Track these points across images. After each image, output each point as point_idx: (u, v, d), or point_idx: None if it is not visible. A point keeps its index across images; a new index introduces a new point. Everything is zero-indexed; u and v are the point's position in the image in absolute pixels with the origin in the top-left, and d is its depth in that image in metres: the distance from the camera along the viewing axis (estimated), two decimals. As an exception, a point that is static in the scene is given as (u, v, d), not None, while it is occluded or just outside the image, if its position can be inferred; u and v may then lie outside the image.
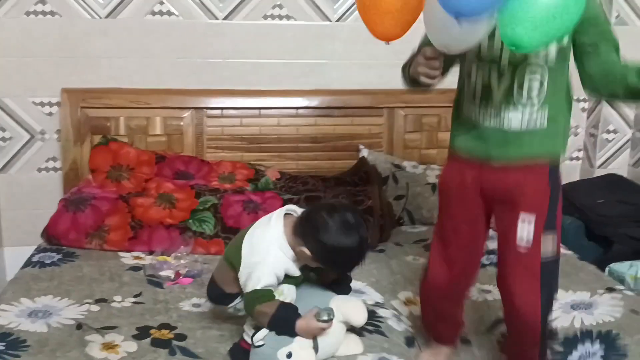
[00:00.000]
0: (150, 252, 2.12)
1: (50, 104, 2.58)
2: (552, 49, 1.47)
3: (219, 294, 1.60)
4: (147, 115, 2.58)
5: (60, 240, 2.14)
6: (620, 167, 2.85)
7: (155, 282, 1.90)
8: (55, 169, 2.64)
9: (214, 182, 2.45)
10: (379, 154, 2.69)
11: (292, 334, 1.43)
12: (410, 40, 1.65)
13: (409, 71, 1.62)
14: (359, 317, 1.52)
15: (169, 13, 2.58)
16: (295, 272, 1.51)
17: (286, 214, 1.54)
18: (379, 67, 2.74)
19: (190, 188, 2.33)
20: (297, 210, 1.56)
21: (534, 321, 1.52)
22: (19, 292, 1.81)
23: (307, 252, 1.45)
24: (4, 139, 2.59)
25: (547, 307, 1.55)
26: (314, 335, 1.45)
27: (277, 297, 1.45)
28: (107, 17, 2.54)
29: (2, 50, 2.50)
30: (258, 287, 1.44)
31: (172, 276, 1.90)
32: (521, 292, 1.51)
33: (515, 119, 1.49)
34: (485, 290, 2.01)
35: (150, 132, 2.59)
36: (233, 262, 1.53)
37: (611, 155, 2.86)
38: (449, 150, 1.66)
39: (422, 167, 2.67)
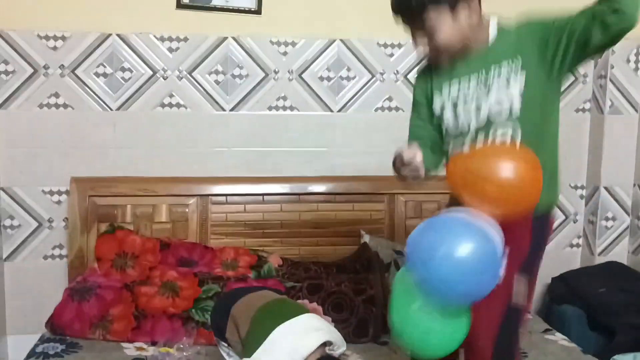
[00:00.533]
0: (153, 343, 2.15)
1: (59, 193, 2.69)
2: (516, 101, 1.50)
3: (220, 327, 1.61)
4: (153, 203, 2.68)
5: (64, 330, 2.18)
6: (621, 254, 2.91)
7: (158, 376, 1.93)
8: (61, 257, 2.71)
9: (217, 268, 2.50)
10: (381, 239, 2.76)
11: None
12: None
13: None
14: None
15: (178, 105, 2.74)
16: None
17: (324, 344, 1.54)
18: (379, 154, 2.86)
19: (193, 276, 2.39)
20: (336, 348, 1.56)
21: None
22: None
23: None
24: (12, 227, 2.67)
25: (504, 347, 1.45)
26: None
27: None
28: (118, 109, 2.69)
29: (13, 142, 2.64)
30: None
31: (175, 369, 1.93)
32: (478, 329, 1.41)
33: None
34: None
35: (156, 219, 2.68)
36: (250, 341, 1.54)
37: (611, 243, 2.92)
38: None
39: (423, 253, 2.73)
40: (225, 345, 1.64)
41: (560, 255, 3.00)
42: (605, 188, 2.89)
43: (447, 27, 1.50)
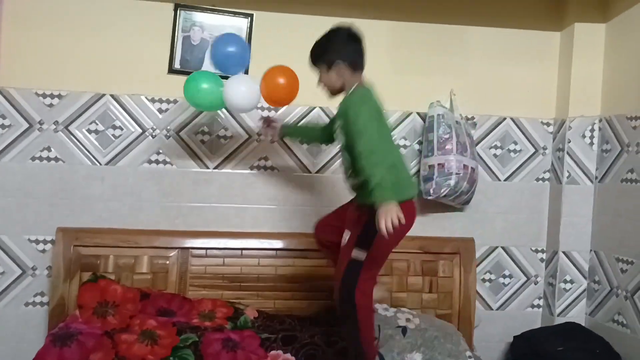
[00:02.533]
0: (132, 390, 2.30)
1: (45, 242, 2.88)
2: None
3: None
4: (135, 254, 2.88)
5: (45, 376, 2.32)
6: (578, 315, 3.16)
7: (137, 418, 2.08)
8: (42, 304, 2.88)
9: (194, 319, 2.69)
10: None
11: None
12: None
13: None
14: None
15: (164, 162, 2.99)
16: None
17: None
18: (354, 214, 3.13)
19: (172, 325, 2.57)
20: None
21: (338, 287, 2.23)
22: None
23: None
24: (-4, 274, 2.85)
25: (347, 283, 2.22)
26: None
27: None
28: (107, 164, 2.93)
29: (4, 191, 2.86)
30: None
31: (153, 413, 2.08)
32: (336, 272, 2.27)
33: (351, 182, 2.37)
34: None
35: (137, 270, 2.88)
36: None
37: (569, 304, 3.18)
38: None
39: (392, 309, 2.95)
40: None
41: (522, 315, 3.26)
42: (564, 252, 3.18)
43: (324, 76, 2.40)
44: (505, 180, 3.27)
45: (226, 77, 2.61)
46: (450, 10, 3.19)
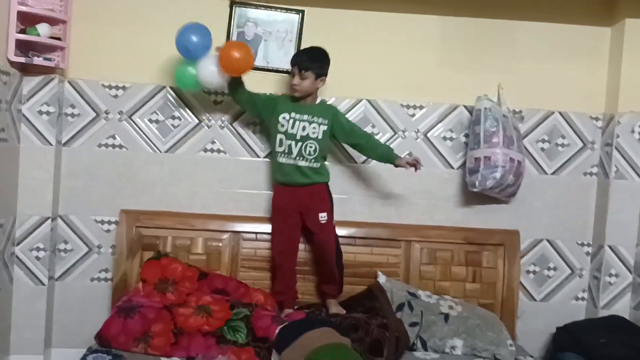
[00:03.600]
0: (189, 358, 2.53)
1: (109, 222, 3.15)
2: (320, 135, 2.93)
3: (280, 348, 2.22)
4: (191, 236, 3.12)
5: (111, 342, 2.58)
6: (623, 309, 3.22)
7: (194, 383, 2.29)
8: (105, 279, 3.15)
9: (246, 299, 2.89)
10: (396, 281, 3.13)
11: None
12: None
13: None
14: None
15: (219, 150, 3.20)
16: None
17: None
18: (398, 204, 3.27)
19: (225, 301, 2.79)
20: None
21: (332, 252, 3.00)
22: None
23: None
24: (65, 250, 3.13)
25: (338, 245, 3.06)
26: None
27: None
28: (166, 152, 3.17)
29: (73, 175, 3.13)
30: None
31: (209, 380, 2.29)
32: (328, 241, 2.99)
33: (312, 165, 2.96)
34: None
35: (192, 250, 3.11)
36: None
37: (614, 297, 3.24)
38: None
39: (435, 297, 3.08)
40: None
41: (566, 308, 3.34)
42: (610, 247, 3.23)
43: (309, 82, 2.92)
44: (552, 174, 3.34)
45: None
46: (498, 5, 3.28)
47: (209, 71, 2.88)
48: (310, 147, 2.92)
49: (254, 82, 3.09)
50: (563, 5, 3.29)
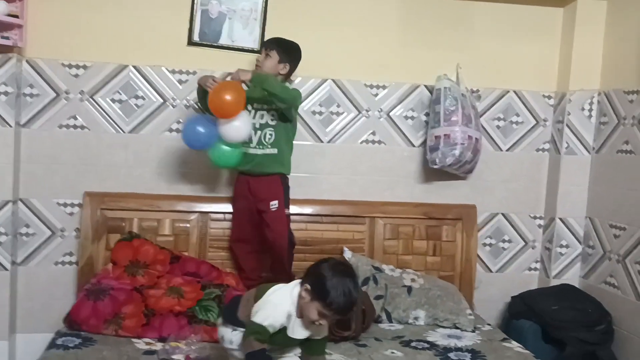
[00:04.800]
0: (161, 339, 2.51)
1: (72, 205, 3.06)
2: (277, 118, 2.91)
3: (232, 315, 2.11)
4: (158, 218, 3.07)
5: (80, 325, 2.53)
6: (573, 278, 3.37)
7: (169, 364, 2.29)
8: (70, 263, 3.07)
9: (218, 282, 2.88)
10: (361, 257, 3.18)
11: None
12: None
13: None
14: None
15: (184, 130, 3.14)
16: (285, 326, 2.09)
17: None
18: (362, 181, 3.31)
19: (197, 282, 2.78)
20: None
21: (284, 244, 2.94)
22: (50, 371, 2.18)
23: (307, 295, 2.01)
24: (27, 234, 3.03)
25: (290, 233, 2.98)
26: None
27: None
28: (130, 132, 3.09)
29: (33, 158, 3.02)
30: (263, 324, 1.99)
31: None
32: (280, 230, 2.93)
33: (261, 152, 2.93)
34: None
35: (160, 232, 3.06)
36: (258, 295, 2.08)
37: (564, 267, 3.39)
38: None
39: (399, 270, 3.15)
40: (233, 327, 2.09)
41: (520, 277, 3.47)
42: (561, 219, 3.37)
43: (271, 63, 2.90)
44: (507, 150, 3.44)
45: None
46: (457, -14, 3.31)
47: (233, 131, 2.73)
48: (270, 134, 2.90)
49: (220, 62, 3.03)
50: (517, -14, 3.36)
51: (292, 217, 3.14)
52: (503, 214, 3.46)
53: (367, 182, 3.33)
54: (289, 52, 2.94)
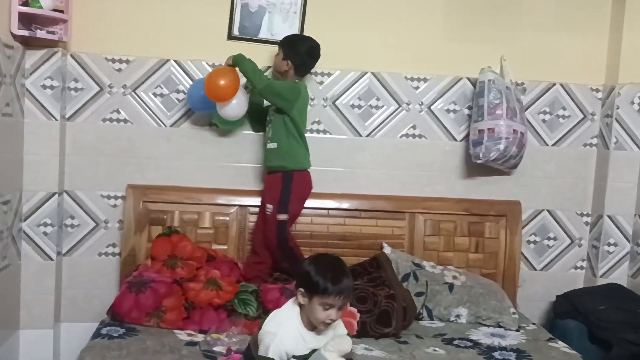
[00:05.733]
0: (202, 332, 2.50)
1: (116, 197, 3.08)
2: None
3: (250, 357, 2.05)
4: (198, 210, 3.06)
5: (123, 317, 2.54)
6: (620, 277, 3.23)
7: (210, 356, 2.28)
8: (113, 254, 3.10)
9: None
10: (401, 253, 3.11)
11: None
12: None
13: None
14: (347, 346, 2.04)
15: (224, 124, 3.13)
16: (304, 350, 1.97)
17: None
18: (402, 176, 3.24)
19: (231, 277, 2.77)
20: None
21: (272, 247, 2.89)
22: (95, 358, 2.19)
23: (304, 297, 1.97)
24: (72, 226, 3.06)
25: (281, 239, 2.88)
26: None
27: None
28: (171, 126, 3.09)
29: (77, 150, 3.05)
30: (268, 355, 1.93)
31: (225, 352, 2.27)
32: (269, 234, 2.88)
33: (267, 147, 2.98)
34: None
35: (200, 225, 3.06)
36: (259, 329, 2.02)
37: (612, 266, 3.25)
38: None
39: (439, 267, 3.08)
40: None
41: (565, 276, 3.35)
42: (609, 216, 3.23)
43: (277, 59, 2.95)
44: (553, 145, 3.32)
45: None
46: (502, -23, 3.20)
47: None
48: (270, 128, 2.93)
49: (258, 56, 3.00)
50: (565, -23, 3.24)
51: (329, 212, 3.13)
52: (548, 211, 3.34)
53: (407, 177, 3.26)
54: (290, 46, 2.90)
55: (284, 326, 1.96)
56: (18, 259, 2.92)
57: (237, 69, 2.83)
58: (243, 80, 2.85)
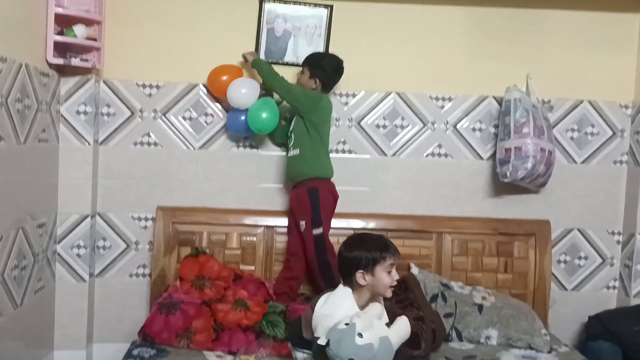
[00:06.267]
0: (230, 353, 2.51)
1: (146, 219, 3.13)
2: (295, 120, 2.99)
3: (298, 337, 2.15)
4: (226, 231, 3.09)
5: (154, 338, 2.57)
6: (655, 296, 3.15)
7: (239, 378, 2.28)
8: (144, 275, 3.14)
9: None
10: (429, 273, 3.08)
11: None
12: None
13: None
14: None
15: (251, 146, 3.17)
16: None
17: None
18: (428, 196, 3.22)
19: (259, 297, 2.78)
20: None
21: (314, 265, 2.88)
22: (127, 379, 2.22)
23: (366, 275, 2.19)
24: (104, 247, 3.12)
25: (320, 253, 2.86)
26: None
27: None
28: (200, 148, 3.14)
29: (110, 174, 3.11)
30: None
31: (253, 373, 2.28)
32: (309, 250, 2.87)
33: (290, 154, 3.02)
34: None
35: (228, 245, 3.09)
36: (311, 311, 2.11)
37: (646, 285, 3.17)
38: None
39: (468, 287, 3.03)
40: (301, 350, 2.05)
41: (597, 296, 3.27)
42: (641, 235, 3.16)
43: (304, 79, 2.98)
44: (582, 163, 3.26)
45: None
46: (526, -5, 3.19)
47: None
48: (291, 136, 2.98)
49: (285, 78, 3.04)
50: (591, -6, 3.21)
51: (355, 232, 3.09)
52: (579, 230, 3.28)
53: (433, 197, 3.24)
54: (317, 65, 2.96)
55: (340, 307, 2.12)
56: (52, 281, 2.98)
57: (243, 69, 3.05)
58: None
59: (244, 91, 2.93)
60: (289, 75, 3.07)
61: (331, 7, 3.13)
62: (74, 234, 3.00)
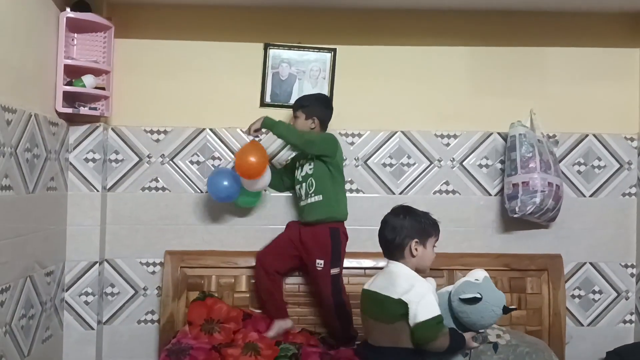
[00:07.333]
0: (241, 399, 2.42)
1: (154, 264, 3.09)
2: (313, 165, 2.90)
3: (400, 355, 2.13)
4: (235, 274, 3.04)
5: (164, 386, 2.49)
6: (674, 329, 3.05)
7: None
8: (152, 321, 3.08)
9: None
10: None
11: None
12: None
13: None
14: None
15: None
16: None
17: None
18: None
19: (270, 339, 2.70)
20: None
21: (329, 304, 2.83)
22: None
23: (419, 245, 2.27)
24: (112, 294, 3.07)
25: (336, 292, 2.84)
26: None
27: None
28: (207, 192, 3.11)
29: (118, 219, 3.10)
30: (437, 313, 2.14)
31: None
32: (325, 290, 2.84)
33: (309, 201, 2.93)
34: None
35: (237, 288, 3.03)
36: (392, 312, 2.16)
37: (664, 319, 3.08)
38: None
39: (482, 326, 2.94)
40: None
41: (614, 331, 3.17)
42: (655, 267, 3.09)
43: (299, 122, 2.93)
44: (590, 196, 3.22)
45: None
46: (525, 33, 3.21)
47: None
48: (312, 183, 2.87)
49: (290, 120, 3.05)
50: (589, 29, 3.21)
51: (365, 271, 3.06)
52: (591, 263, 3.21)
53: (442, 234, 3.11)
54: (312, 106, 2.93)
55: (420, 281, 2.21)
56: (60, 329, 2.92)
57: (261, 138, 2.97)
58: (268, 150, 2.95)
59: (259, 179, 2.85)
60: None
61: (334, 50, 3.16)
62: (82, 281, 2.96)
